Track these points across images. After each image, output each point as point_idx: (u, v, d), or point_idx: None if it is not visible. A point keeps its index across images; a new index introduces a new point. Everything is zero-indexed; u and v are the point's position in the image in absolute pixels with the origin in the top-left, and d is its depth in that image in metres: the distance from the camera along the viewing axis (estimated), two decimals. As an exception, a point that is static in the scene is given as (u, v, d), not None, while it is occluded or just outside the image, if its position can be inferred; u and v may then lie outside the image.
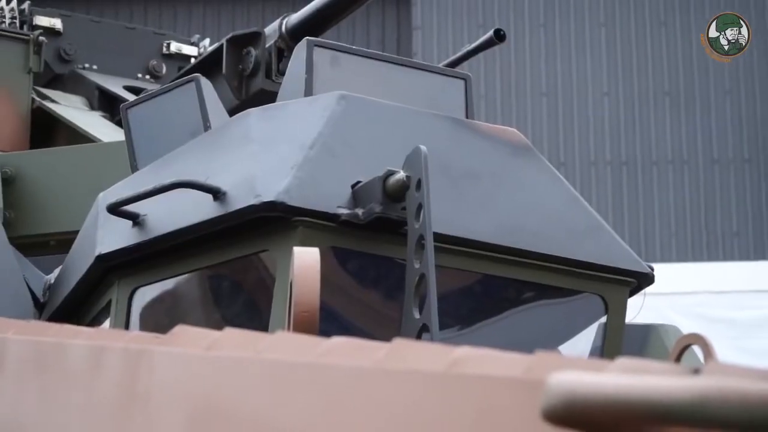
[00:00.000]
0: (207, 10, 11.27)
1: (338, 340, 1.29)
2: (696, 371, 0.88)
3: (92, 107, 4.84)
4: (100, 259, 2.86)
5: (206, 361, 1.43)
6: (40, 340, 1.79)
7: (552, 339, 3.06)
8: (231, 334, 1.47)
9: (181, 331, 1.55)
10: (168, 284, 2.94)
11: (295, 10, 3.98)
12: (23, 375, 1.81)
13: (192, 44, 5.57)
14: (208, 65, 4.08)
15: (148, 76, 5.25)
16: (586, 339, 3.04)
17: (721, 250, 11.38)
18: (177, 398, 1.49)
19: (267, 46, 3.91)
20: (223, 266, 2.84)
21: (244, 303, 3.01)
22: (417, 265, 2.39)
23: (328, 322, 2.39)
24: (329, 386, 1.23)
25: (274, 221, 2.63)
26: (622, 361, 0.94)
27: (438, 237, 2.47)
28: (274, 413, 1.31)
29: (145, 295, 2.93)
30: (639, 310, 3.15)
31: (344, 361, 1.23)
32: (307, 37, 3.15)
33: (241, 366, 1.39)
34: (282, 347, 1.35)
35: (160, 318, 3.02)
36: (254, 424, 1.34)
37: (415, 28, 11.97)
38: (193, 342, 1.50)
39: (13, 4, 4.85)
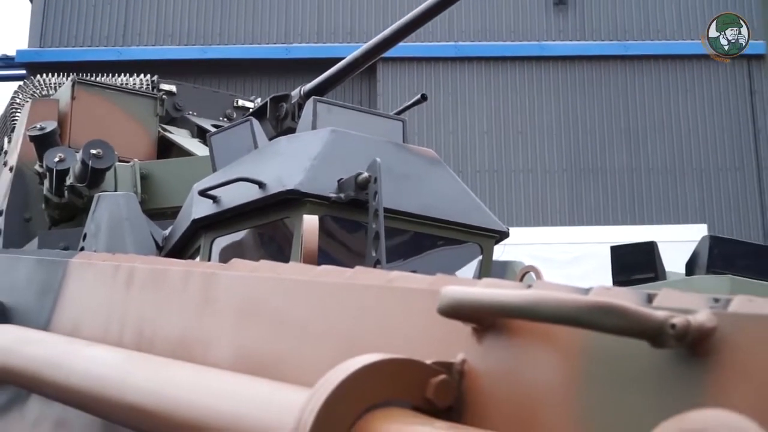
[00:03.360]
0: (260, 81, 17.00)
1: (325, 267, 1.88)
2: (530, 286, 1.34)
3: (192, 136, 7.03)
4: (194, 222, 4.14)
5: (249, 279, 2.04)
6: (156, 267, 2.46)
7: (450, 268, 4.33)
8: (264, 263, 2.09)
9: (235, 261, 2.17)
10: (232, 236, 4.18)
11: (308, 81, 5.72)
12: (145, 287, 2.46)
13: (250, 101, 7.83)
14: (258, 112, 5.65)
15: (224, 119, 7.31)
16: (469, 268, 4.38)
17: (558, 215, 17.23)
18: (231, 300, 2.09)
19: (292, 102, 5.53)
20: (263, 226, 4.14)
21: (274, 246, 4.23)
22: (374, 226, 3.67)
23: (322, 258, 3.35)
24: (320, 294, 1.80)
25: (292, 200, 3.88)
26: (486, 280, 1.44)
27: (386, 210, 3.72)
28: (287, 309, 1.89)
29: (219, 243, 4.16)
30: (501, 253, 4.80)
31: (328, 279, 1.80)
32: (314, 97, 4.74)
33: (269, 281, 1.98)
34: (294, 271, 1.95)
35: (227, 255, 4.01)
36: (276, 315, 1.92)
37: (378, 95, 17.37)
38: (242, 268, 2.11)
39: (148, 77, 7.42)
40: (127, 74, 7.56)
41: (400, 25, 5.37)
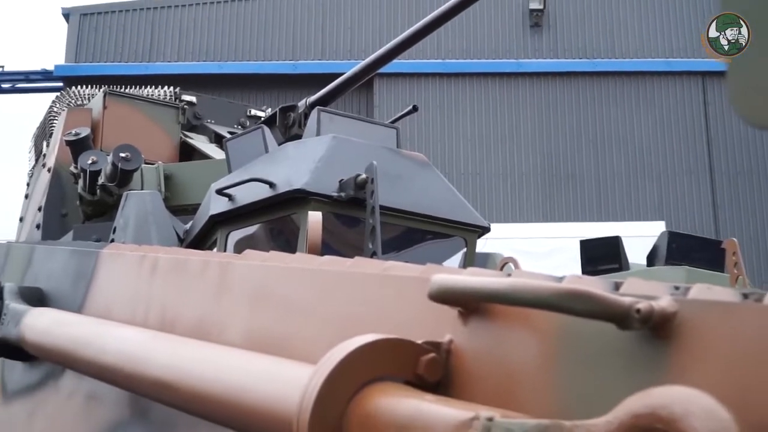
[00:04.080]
0: (270, 93, 16.78)
1: (328, 258, 1.90)
2: (509, 275, 1.36)
3: (210, 141, 7.05)
4: (212, 217, 4.12)
5: (260, 268, 2.03)
6: (177, 257, 2.46)
7: (438, 259, 4.17)
8: (274, 254, 2.10)
9: (248, 252, 2.18)
10: (245, 230, 4.14)
11: (313, 94, 5.64)
12: (168, 275, 2.46)
13: (262, 110, 7.72)
14: (269, 121, 5.54)
15: (239, 126, 7.25)
16: (455, 260, 4.33)
17: (534, 213, 17.25)
18: (244, 287, 2.08)
19: (299, 112, 5.42)
20: (273, 221, 4.09)
21: (283, 239, 4.16)
22: (371, 221, 3.64)
23: (325, 249, 3.32)
24: (323, 281, 1.79)
25: (299, 198, 3.87)
26: (470, 269, 1.46)
27: (381, 207, 3.68)
28: (294, 294, 1.89)
29: (234, 236, 4.13)
30: (483, 246, 4.71)
31: (331, 268, 1.79)
32: (318, 107, 4.70)
33: (278, 270, 1.97)
34: (300, 261, 1.96)
35: (241, 247, 4.01)
36: (284, 300, 1.91)
37: (375, 106, 17.43)
38: (254, 258, 2.11)
39: (171, 89, 7.39)
40: (153, 86, 7.54)
41: (394, 44, 5.38)
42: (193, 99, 7.27)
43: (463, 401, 1.23)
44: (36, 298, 3.15)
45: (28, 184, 7.59)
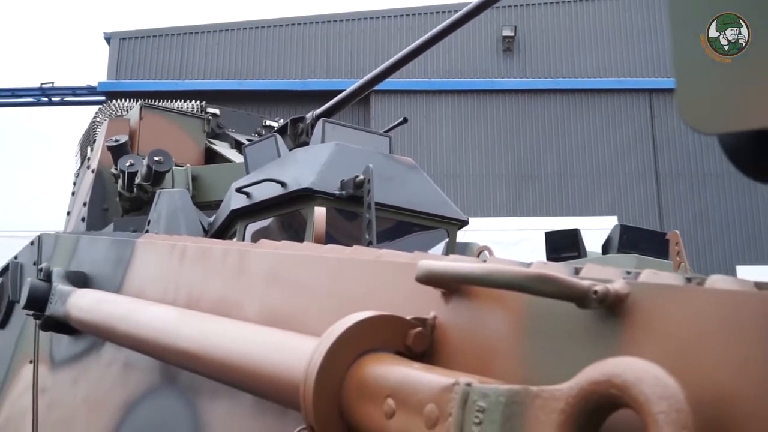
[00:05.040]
0: (283, 106, 16.72)
1: (331, 246, 1.87)
2: (484, 261, 1.36)
3: (231, 147, 6.88)
4: (232, 211, 4.11)
5: (273, 255, 2.00)
6: (202, 245, 2.40)
7: (424, 247, 4.21)
8: (285, 243, 2.07)
9: (263, 241, 2.13)
10: (261, 223, 4.11)
11: (319, 107, 5.67)
12: (194, 261, 2.40)
13: (275, 121, 7.67)
14: (281, 130, 5.58)
15: (256, 135, 7.18)
16: (438, 248, 4.32)
17: (506, 209, 17.41)
18: (260, 270, 2.02)
19: (306, 122, 5.48)
20: (284, 215, 4.05)
21: (293, 230, 4.10)
22: (367, 216, 3.71)
23: (328, 239, 3.34)
24: (326, 266, 1.76)
25: (306, 196, 3.87)
26: (452, 256, 1.46)
27: (376, 203, 3.74)
28: (303, 278, 1.84)
29: (251, 227, 4.11)
30: (462, 236, 4.58)
31: (333, 255, 1.77)
32: (323, 118, 4.76)
33: (288, 256, 1.94)
34: (307, 249, 1.93)
35: (256, 237, 4.00)
36: (293, 282, 1.87)
37: (371, 118, 17.47)
38: (267, 246, 2.08)
39: (198, 103, 7.29)
40: (182, 100, 7.51)
41: (387, 66, 5.38)
42: (217, 111, 7.22)
43: (446, 369, 1.22)
44: (80, 280, 3.13)
45: (74, 183, 7.56)
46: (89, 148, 7.21)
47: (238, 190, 4.08)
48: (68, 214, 7.16)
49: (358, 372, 1.27)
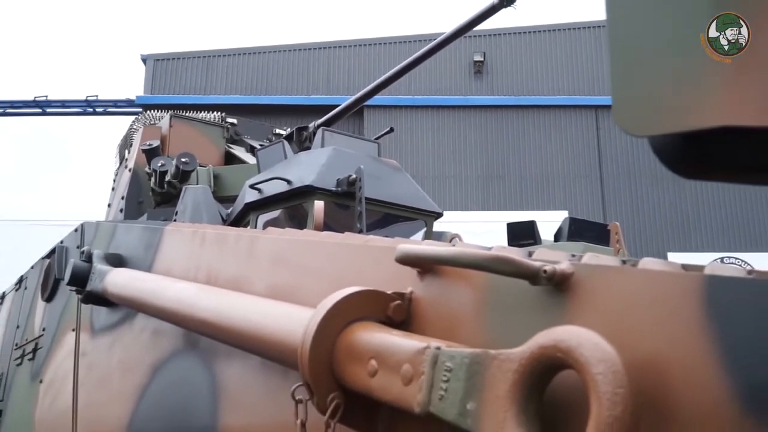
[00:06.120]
0: (289, 117, 15.42)
1: (327, 233, 1.86)
2: (454, 245, 1.35)
3: (246, 151, 6.62)
4: (246, 204, 4.02)
5: (279, 240, 1.98)
6: (220, 232, 2.37)
7: (405, 235, 4.10)
8: (289, 230, 2.07)
9: (270, 229, 2.13)
10: (270, 214, 4.01)
11: (319, 118, 5.51)
12: (212, 245, 2.36)
13: (283, 130, 7.39)
14: (288, 137, 5.46)
15: (267, 141, 6.95)
16: (418, 236, 4.18)
17: (475, 204, 17.12)
18: (267, 253, 2.00)
19: (309, 131, 5.36)
20: (290, 207, 3.94)
21: (296, 220, 3.98)
22: (358, 208, 3.68)
23: (325, 227, 3.31)
24: (323, 250, 1.75)
25: (308, 191, 3.78)
26: (427, 242, 1.46)
27: (366, 198, 3.71)
28: (303, 260, 1.82)
29: (262, 218, 4.00)
30: (438, 226, 4.45)
31: (329, 240, 1.76)
32: (323, 127, 4.69)
33: (291, 242, 1.91)
34: (308, 235, 1.91)
35: (266, 226, 3.86)
36: (296, 265, 1.84)
37: (364, 128, 16.85)
38: (274, 233, 2.07)
39: (219, 114, 7.02)
40: (206, 112, 7.46)
41: (377, 84, 5.36)
42: (235, 121, 7.15)
43: (420, 335, 1.21)
44: (117, 261, 3.11)
45: (114, 180, 7.52)
46: (127, 151, 7.17)
47: (252, 186, 4.05)
48: (108, 206, 7.12)
49: (346, 338, 1.26)
